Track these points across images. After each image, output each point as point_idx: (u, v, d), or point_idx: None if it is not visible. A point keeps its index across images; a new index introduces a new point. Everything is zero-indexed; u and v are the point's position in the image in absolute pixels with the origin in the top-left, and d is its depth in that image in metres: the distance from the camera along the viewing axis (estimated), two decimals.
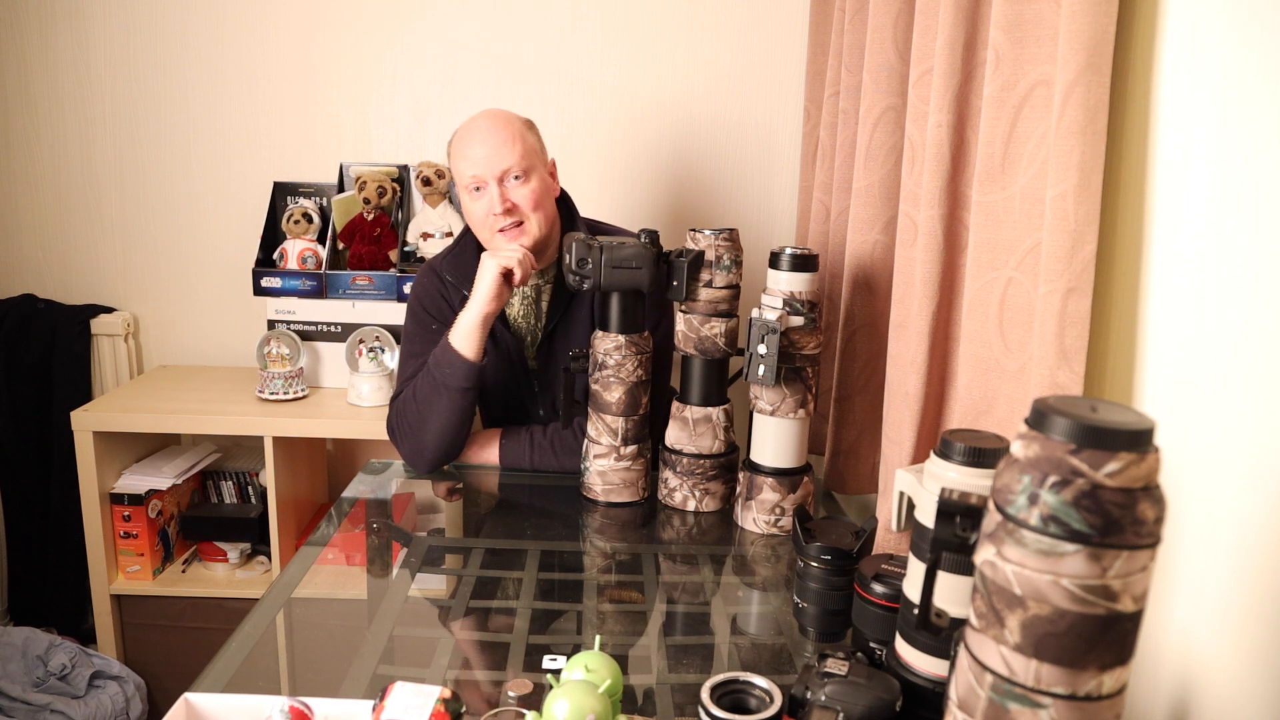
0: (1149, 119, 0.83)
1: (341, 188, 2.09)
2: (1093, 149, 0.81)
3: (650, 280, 1.33)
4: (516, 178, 1.46)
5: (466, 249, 1.59)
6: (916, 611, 0.75)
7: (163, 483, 1.92)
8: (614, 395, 1.37)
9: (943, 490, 0.72)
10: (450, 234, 2.02)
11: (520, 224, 1.47)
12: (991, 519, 0.59)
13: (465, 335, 1.41)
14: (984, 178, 0.97)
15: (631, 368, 1.36)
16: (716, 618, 1.11)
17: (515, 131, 1.47)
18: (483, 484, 1.55)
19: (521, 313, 1.59)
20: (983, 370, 1.00)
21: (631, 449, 1.39)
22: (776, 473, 1.31)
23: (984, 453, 0.74)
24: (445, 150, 1.55)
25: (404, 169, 2.08)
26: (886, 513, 1.14)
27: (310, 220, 2.04)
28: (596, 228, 1.61)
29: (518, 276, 1.40)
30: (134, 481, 1.90)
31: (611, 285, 1.34)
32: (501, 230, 1.46)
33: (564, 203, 1.61)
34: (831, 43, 1.64)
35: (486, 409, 1.65)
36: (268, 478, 1.86)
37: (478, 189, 1.46)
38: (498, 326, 1.54)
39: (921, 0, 1.12)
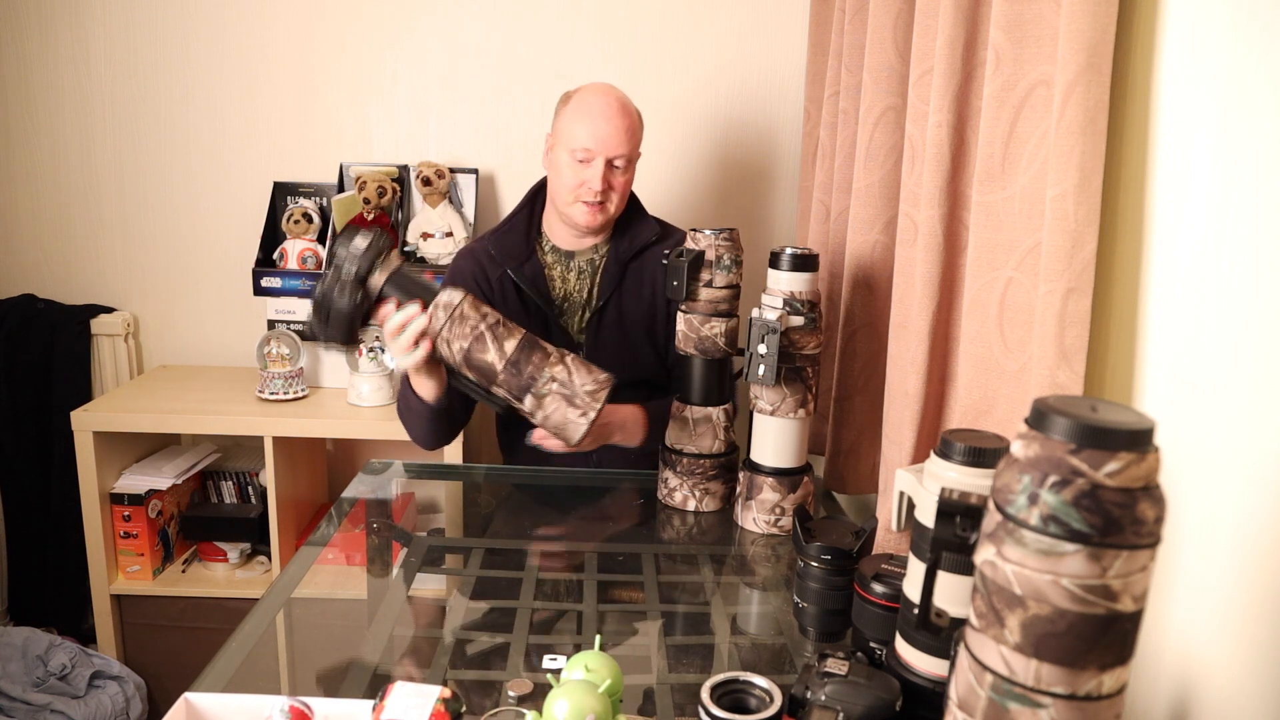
0: (1149, 119, 0.83)
1: (341, 188, 2.09)
2: (1093, 149, 0.81)
3: None
4: (618, 166, 1.53)
5: (516, 227, 1.62)
6: (916, 611, 0.75)
7: (163, 483, 1.92)
8: None
9: (943, 490, 0.72)
10: (450, 234, 2.02)
11: (602, 204, 1.54)
12: (991, 519, 0.59)
13: (416, 383, 1.39)
14: (984, 178, 0.97)
15: None
16: (716, 618, 1.11)
17: (635, 123, 1.55)
18: (483, 484, 1.55)
19: (576, 286, 1.61)
20: (983, 370, 1.00)
21: None
22: (776, 473, 1.31)
23: (984, 453, 0.74)
24: (556, 105, 1.58)
25: (404, 169, 2.08)
26: (886, 513, 1.14)
27: (310, 220, 2.04)
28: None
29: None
30: (134, 481, 1.90)
31: None
32: (585, 203, 1.53)
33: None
34: (831, 43, 1.64)
35: None
36: (268, 478, 1.86)
37: (583, 160, 1.51)
38: (534, 303, 1.57)
39: (921, 0, 1.12)
